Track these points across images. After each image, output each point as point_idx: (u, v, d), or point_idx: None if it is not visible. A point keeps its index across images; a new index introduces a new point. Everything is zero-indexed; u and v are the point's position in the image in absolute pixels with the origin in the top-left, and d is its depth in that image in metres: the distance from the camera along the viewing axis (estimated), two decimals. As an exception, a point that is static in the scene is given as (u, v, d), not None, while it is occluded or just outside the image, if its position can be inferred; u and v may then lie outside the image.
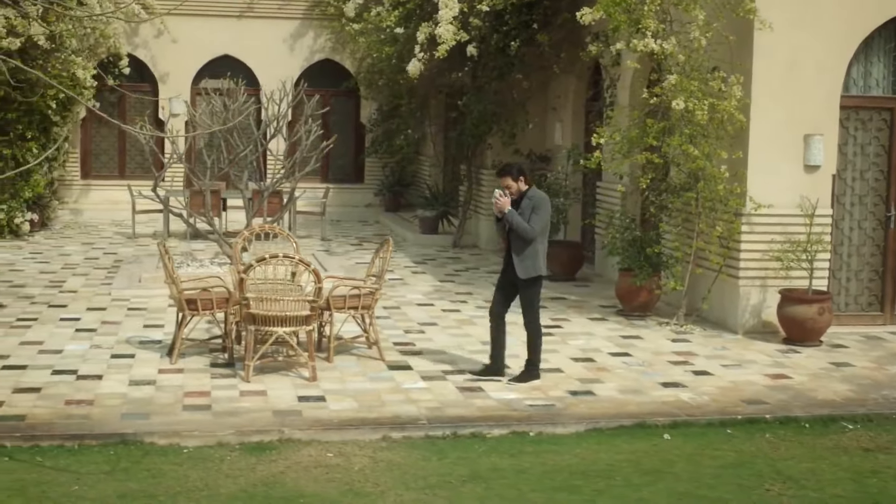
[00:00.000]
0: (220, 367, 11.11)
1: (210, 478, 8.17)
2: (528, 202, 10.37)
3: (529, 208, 10.32)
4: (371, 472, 8.35)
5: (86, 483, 7.99)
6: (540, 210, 10.34)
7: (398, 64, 19.86)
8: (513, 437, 9.29)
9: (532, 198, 10.40)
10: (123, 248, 19.45)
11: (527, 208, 10.33)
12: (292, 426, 9.17)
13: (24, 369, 10.79)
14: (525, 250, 10.34)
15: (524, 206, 10.35)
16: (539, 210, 10.33)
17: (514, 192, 10.41)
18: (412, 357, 11.69)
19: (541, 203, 10.39)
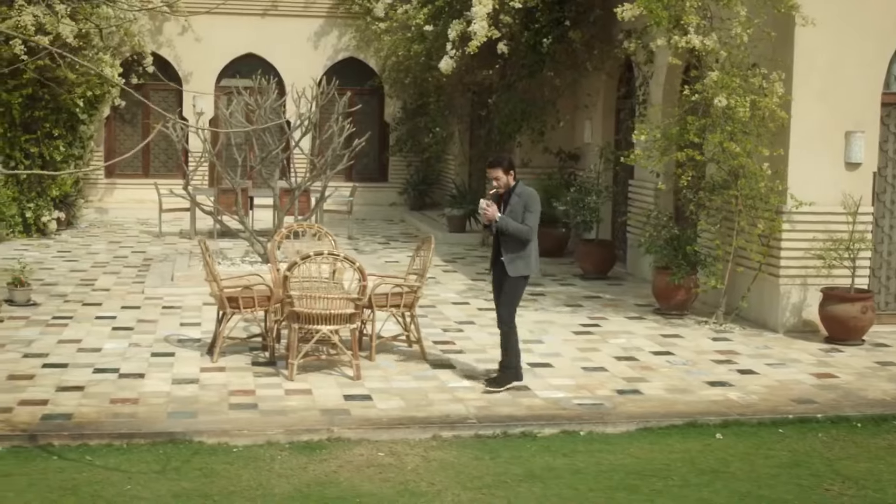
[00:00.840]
0: (262, 365, 11.01)
1: (262, 477, 8.07)
2: (517, 199, 9.95)
3: (520, 206, 9.92)
4: (425, 472, 8.25)
5: (138, 482, 7.90)
6: (533, 208, 9.97)
7: (427, 62, 19.74)
8: (564, 436, 9.18)
9: (521, 194, 9.97)
10: (151, 247, 19.38)
11: (517, 206, 9.93)
12: (341, 425, 9.07)
13: (66, 368, 10.71)
14: (518, 250, 10.01)
15: (513, 203, 9.96)
16: (532, 208, 9.96)
17: (502, 185, 10.00)
18: (453, 355, 11.59)
19: (531, 200, 9.98)
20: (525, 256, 10.00)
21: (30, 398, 9.60)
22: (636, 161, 13.49)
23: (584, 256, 16.97)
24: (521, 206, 9.89)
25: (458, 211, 20.97)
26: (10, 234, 19.04)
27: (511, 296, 10.11)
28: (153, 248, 19.15)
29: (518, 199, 9.93)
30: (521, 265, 9.98)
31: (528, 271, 10.05)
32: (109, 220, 23.41)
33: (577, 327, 13.14)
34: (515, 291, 10.10)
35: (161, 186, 20.89)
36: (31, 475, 8.01)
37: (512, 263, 9.96)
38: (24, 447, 8.56)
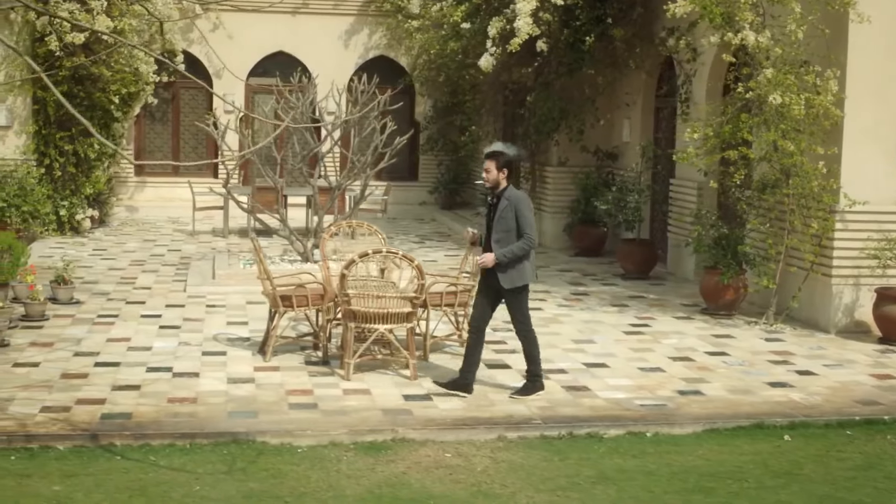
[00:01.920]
0: (315, 364, 10.89)
1: (331, 479, 7.94)
2: (506, 203, 9.52)
3: (511, 211, 9.48)
4: (495, 473, 8.12)
5: (206, 483, 7.78)
6: (526, 213, 9.52)
7: (463, 59, 19.60)
8: (630, 437, 9.05)
9: (510, 198, 9.52)
10: (186, 245, 19.27)
11: (506, 210, 9.50)
12: (405, 425, 8.95)
13: (118, 367, 10.60)
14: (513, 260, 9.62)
15: (502, 207, 9.53)
16: (524, 214, 9.51)
17: (490, 179, 9.57)
18: (506, 355, 11.45)
19: (522, 205, 9.52)
20: (519, 266, 9.62)
21: (86, 397, 9.49)
22: (688, 160, 13.29)
23: (625, 256, 16.83)
24: (511, 212, 9.49)
25: (492, 210, 20.79)
26: (44, 231, 18.95)
27: (517, 308, 9.80)
28: (188, 247, 19.04)
29: (507, 204, 9.52)
30: (516, 275, 9.62)
31: (524, 280, 9.68)
32: (140, 218, 23.32)
33: (626, 327, 12.99)
34: (519, 303, 9.79)
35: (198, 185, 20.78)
36: (97, 475, 7.90)
37: (506, 274, 9.59)
38: (85, 447, 8.44)
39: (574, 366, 11.04)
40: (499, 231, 9.58)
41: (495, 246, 9.54)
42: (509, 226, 9.51)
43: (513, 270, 9.56)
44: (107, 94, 19.58)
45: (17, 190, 18.53)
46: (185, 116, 24.94)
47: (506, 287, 9.59)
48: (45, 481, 7.77)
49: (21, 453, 8.30)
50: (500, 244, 9.53)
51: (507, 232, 9.53)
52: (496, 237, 9.58)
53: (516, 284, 9.61)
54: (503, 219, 9.51)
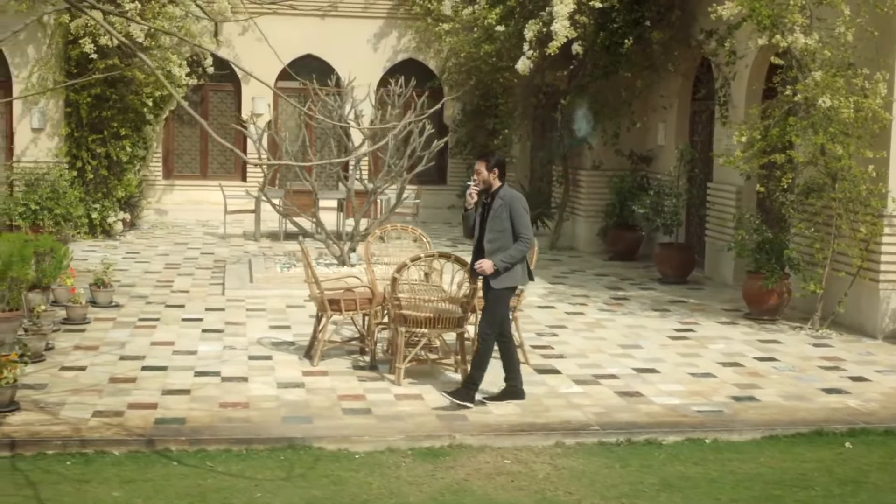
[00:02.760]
0: (363, 369, 10.79)
1: (393, 485, 7.84)
2: (500, 203, 9.31)
3: (505, 210, 9.27)
4: (558, 480, 8.01)
5: (267, 489, 7.68)
6: (521, 213, 9.29)
7: (497, 62, 19.50)
8: (689, 443, 8.93)
9: (504, 197, 9.33)
10: (219, 249, 19.19)
11: (501, 210, 9.29)
12: (462, 431, 8.84)
13: (166, 371, 10.52)
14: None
15: (496, 207, 9.31)
16: (520, 213, 9.29)
17: (481, 181, 9.38)
18: (555, 360, 11.34)
19: (517, 204, 9.31)
20: (512, 268, 9.38)
21: (138, 402, 9.41)
22: (735, 163, 13.16)
23: (663, 260, 16.70)
24: (505, 211, 9.27)
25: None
26: (76, 234, 18.90)
27: (493, 307, 9.42)
28: (221, 250, 18.96)
29: (502, 203, 9.31)
30: (507, 277, 9.35)
31: (514, 282, 9.45)
32: (169, 221, 23.26)
33: (671, 332, 12.87)
34: (498, 303, 9.43)
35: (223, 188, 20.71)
36: (155, 481, 7.81)
37: (496, 274, 9.33)
38: (141, 452, 8.36)
39: (624, 371, 10.92)
40: (493, 231, 9.33)
41: (488, 247, 9.30)
42: (503, 225, 9.28)
43: (505, 272, 9.33)
44: (139, 97, 19.53)
45: (49, 192, 18.51)
46: (214, 119, 24.86)
47: (494, 286, 9.34)
48: (103, 487, 7.68)
49: (77, 458, 8.21)
50: (494, 244, 9.28)
51: (501, 232, 9.30)
52: (490, 237, 9.34)
53: (504, 285, 9.38)
54: (497, 218, 9.29)
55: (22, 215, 18.25)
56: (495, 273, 9.27)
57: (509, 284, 9.40)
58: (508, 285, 9.40)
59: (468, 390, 9.39)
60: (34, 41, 19.18)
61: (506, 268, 9.26)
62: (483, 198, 9.49)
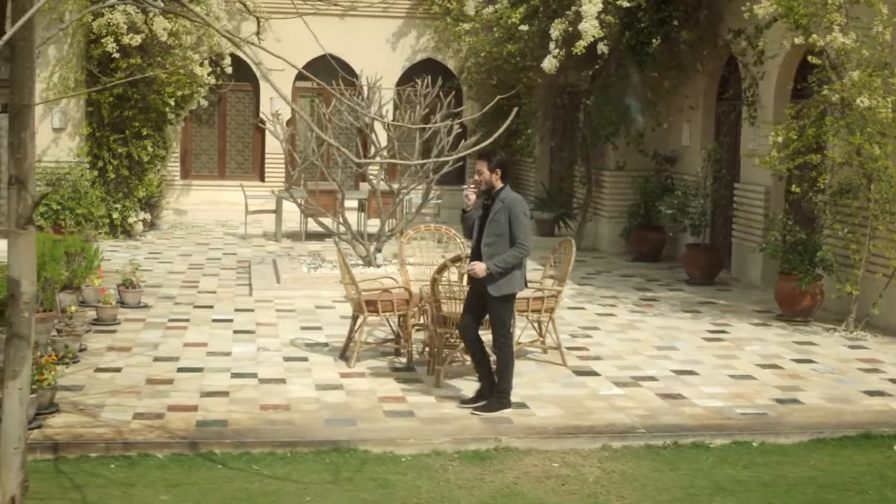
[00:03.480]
0: (400, 370, 10.70)
1: (442, 489, 7.75)
2: (500, 206, 8.95)
3: (504, 214, 8.92)
4: (609, 484, 7.92)
5: (315, 493, 7.59)
6: (521, 218, 8.96)
7: (521, 62, 19.38)
8: (736, 446, 8.83)
9: (505, 200, 8.96)
10: (241, 249, 19.11)
11: (500, 213, 8.93)
12: (508, 434, 8.74)
13: (201, 372, 10.43)
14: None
15: (496, 209, 8.96)
16: (519, 218, 8.94)
17: (482, 181, 9.00)
18: (591, 362, 11.25)
19: (517, 209, 8.97)
20: (509, 274, 9.05)
21: (177, 404, 9.32)
22: (771, 164, 13.05)
23: (690, 261, 16.59)
24: (504, 215, 8.92)
25: (547, 214, 20.60)
26: (97, 234, 18.81)
27: (500, 318, 9.15)
28: (243, 250, 18.88)
29: (502, 206, 8.95)
30: (504, 284, 9.04)
31: (512, 289, 9.14)
32: (188, 221, 23.18)
33: (704, 334, 12.77)
34: (503, 312, 9.16)
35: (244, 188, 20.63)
36: (201, 485, 7.72)
37: (494, 280, 8.99)
38: (185, 455, 8.27)
39: (663, 373, 10.82)
40: (490, 234, 9.00)
41: (485, 250, 8.98)
42: (501, 230, 8.95)
43: (501, 279, 9.00)
44: (161, 97, 19.45)
45: (71, 192, 18.45)
46: (232, 119, 24.80)
47: (493, 294, 9.02)
48: (150, 491, 7.59)
49: (120, 461, 8.13)
50: (491, 249, 8.96)
51: (499, 236, 8.97)
52: (487, 241, 9.01)
53: (504, 293, 9.06)
54: (496, 222, 8.94)
55: (44, 215, 18.16)
56: (490, 279, 8.94)
57: (508, 292, 9.12)
58: (508, 292, 9.12)
59: (500, 399, 9.22)
60: (56, 40, 19.09)
61: (499, 273, 8.93)
62: (484, 199, 9.16)
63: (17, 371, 6.54)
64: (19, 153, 6.46)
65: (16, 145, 6.47)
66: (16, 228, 6.54)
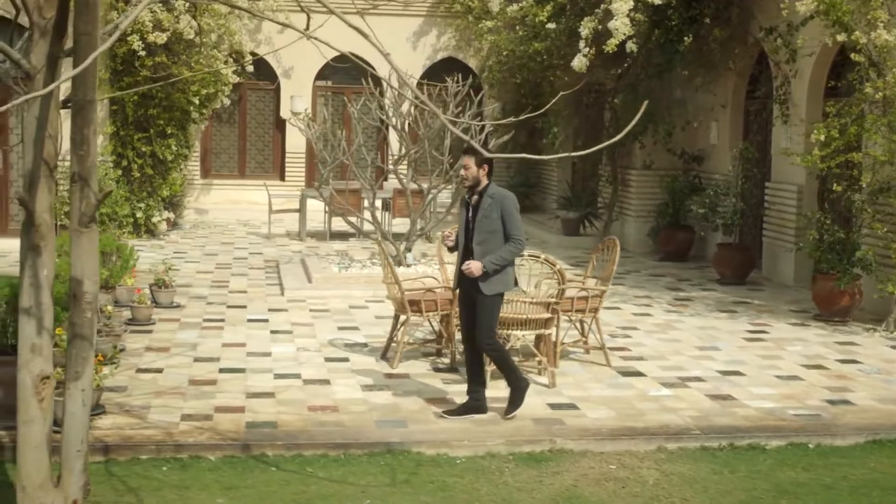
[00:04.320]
0: (443, 371, 10.58)
1: (501, 492, 7.63)
2: (489, 202, 8.62)
3: (495, 210, 8.59)
4: (669, 487, 7.80)
5: (375, 496, 7.48)
6: (514, 214, 8.63)
7: (547, 60, 19.26)
8: (792, 448, 8.70)
9: (494, 196, 8.62)
10: (266, 248, 19.01)
11: (490, 210, 8.60)
12: (562, 436, 8.62)
13: (244, 373, 10.32)
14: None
15: (485, 206, 8.61)
16: (512, 214, 8.62)
17: (469, 177, 8.65)
18: (635, 362, 11.13)
19: (509, 204, 8.64)
20: (503, 271, 8.73)
21: (224, 405, 9.20)
22: (812, 162, 12.93)
23: (721, 261, 16.45)
24: (496, 212, 8.59)
25: (573, 213, 20.47)
26: (122, 234, 18.70)
27: (487, 316, 8.75)
28: (268, 250, 18.79)
29: (491, 202, 8.62)
30: (498, 282, 8.70)
31: (505, 287, 8.79)
32: (209, 220, 23.08)
33: (744, 334, 12.66)
34: (492, 311, 8.76)
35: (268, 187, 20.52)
36: (257, 487, 7.60)
37: (487, 280, 8.66)
38: (236, 457, 8.15)
39: (708, 374, 10.70)
40: (482, 233, 8.66)
41: (478, 250, 8.64)
42: (493, 227, 8.62)
43: (495, 276, 8.68)
44: (186, 95, 19.33)
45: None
46: (252, 118, 24.70)
47: (486, 293, 8.67)
48: (206, 494, 7.48)
49: (171, 464, 8.02)
50: (483, 247, 8.64)
51: (492, 233, 8.65)
52: (479, 239, 8.67)
53: (497, 290, 8.74)
54: (487, 219, 8.61)
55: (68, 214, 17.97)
56: (485, 276, 8.62)
57: (502, 290, 8.79)
58: (501, 290, 8.79)
59: (517, 388, 8.99)
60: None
61: (495, 270, 8.62)
62: (468, 197, 8.84)
63: (80, 372, 6.43)
64: (82, 150, 6.38)
65: (79, 142, 6.38)
66: (79, 227, 6.45)
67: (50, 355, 6.44)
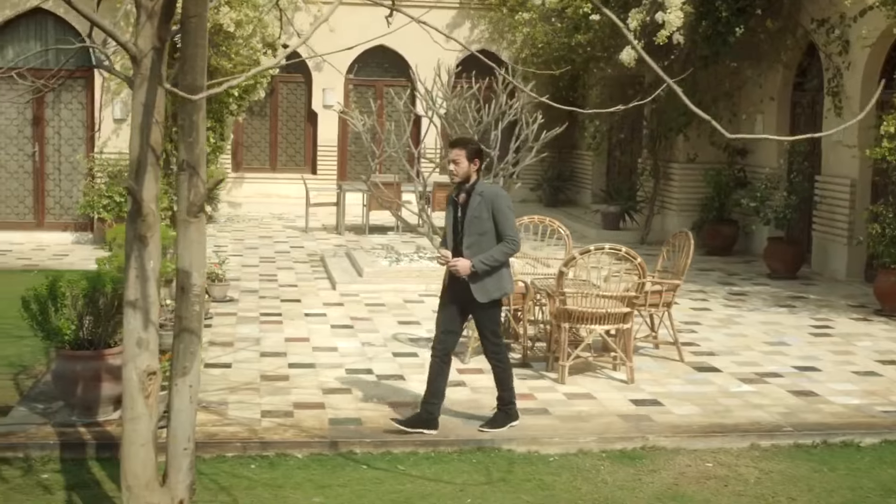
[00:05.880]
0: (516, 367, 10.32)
1: (602, 491, 7.44)
2: (478, 200, 7.96)
3: (485, 209, 7.93)
4: (772, 485, 7.60)
5: (475, 496, 7.29)
6: (506, 212, 7.96)
7: (590, 52, 19.05)
8: (888, 446, 8.51)
9: (483, 194, 7.96)
10: (307, 242, 18.84)
11: (479, 209, 7.94)
12: (654, 433, 8.43)
13: (314, 368, 10.14)
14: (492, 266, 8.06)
15: (474, 205, 7.95)
16: (504, 212, 7.95)
17: (459, 173, 7.97)
18: (707, 357, 10.94)
19: (501, 202, 7.98)
20: (497, 274, 8.05)
21: (302, 401, 9.02)
22: (882, 154, 12.73)
23: (772, 255, 16.25)
24: (486, 210, 7.93)
25: (613, 207, 20.27)
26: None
27: (490, 324, 8.19)
28: (309, 244, 18.63)
29: (480, 201, 7.94)
30: (493, 286, 8.02)
31: (500, 292, 8.10)
32: (243, 214, 22.88)
33: (809, 329, 12.47)
34: (492, 317, 8.18)
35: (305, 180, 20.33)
36: (351, 486, 7.42)
37: (481, 284, 7.97)
38: (324, 455, 7.97)
39: (784, 370, 10.51)
40: (472, 234, 7.99)
41: (467, 254, 7.95)
42: (484, 227, 7.95)
43: (489, 280, 7.98)
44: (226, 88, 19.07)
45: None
46: (284, 111, 24.51)
47: (480, 300, 7.98)
48: (300, 492, 7.29)
49: (259, 461, 7.84)
50: (473, 250, 7.96)
51: (483, 234, 7.98)
52: (468, 241, 8.00)
53: (493, 297, 8.04)
54: (477, 219, 7.93)
55: (106, 207, 17.87)
56: (475, 278, 7.95)
57: (497, 295, 8.10)
58: (497, 296, 8.10)
59: (507, 412, 8.33)
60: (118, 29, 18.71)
61: (486, 271, 7.94)
62: (455, 195, 8.19)
63: (188, 367, 6.24)
64: (191, 137, 6.19)
65: (187, 129, 6.20)
66: (187, 216, 6.26)
67: (156, 350, 6.25)
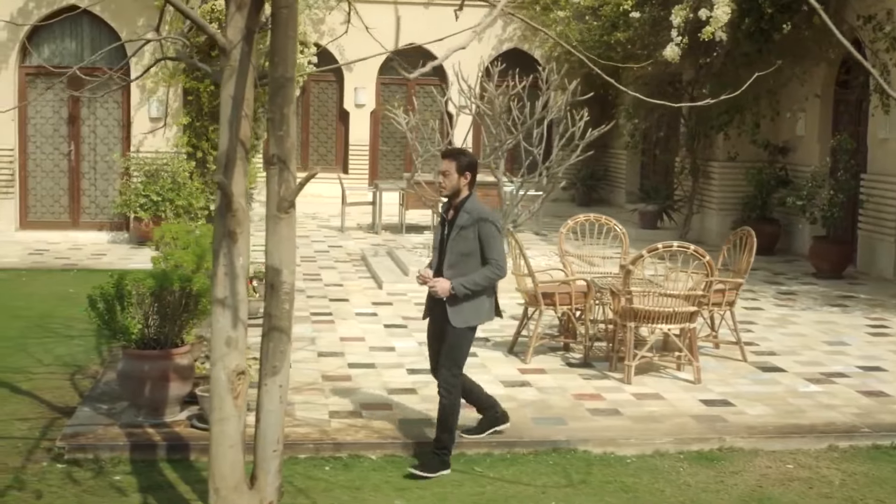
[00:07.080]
0: (577, 366, 10.25)
1: (686, 493, 7.31)
2: (466, 218, 7.29)
3: (472, 229, 7.26)
4: (858, 487, 7.47)
5: (558, 498, 7.16)
6: (492, 235, 7.28)
7: (630, 49, 18.90)
8: (970, 447, 8.34)
9: (471, 212, 7.28)
10: (344, 241, 18.72)
11: (466, 226, 7.27)
12: (730, 434, 8.29)
13: (375, 368, 10.02)
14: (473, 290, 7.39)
15: (460, 223, 7.30)
16: (491, 236, 7.27)
17: (448, 186, 7.34)
18: (768, 357, 10.80)
19: (488, 229, 7.27)
20: (477, 301, 7.38)
21: (369, 402, 8.90)
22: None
23: (818, 254, 16.08)
24: (472, 231, 7.27)
25: (651, 207, 20.12)
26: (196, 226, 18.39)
27: (456, 351, 7.38)
28: (347, 243, 18.52)
29: (468, 219, 7.27)
30: (470, 312, 7.35)
31: (479, 320, 7.41)
32: (276, 214, 22.72)
33: (865, 328, 12.33)
34: (461, 345, 7.38)
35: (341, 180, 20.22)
36: (431, 488, 7.29)
37: (458, 308, 7.31)
38: (397, 456, 7.85)
39: (849, 370, 10.37)
40: (454, 254, 7.34)
41: (448, 274, 7.33)
42: (468, 247, 7.30)
43: (468, 304, 7.32)
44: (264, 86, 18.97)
45: (170, 184, 18.06)
46: (315, 110, 24.40)
47: (455, 325, 7.31)
48: (380, 495, 7.17)
49: (333, 463, 7.72)
50: (454, 271, 7.32)
51: (465, 255, 7.32)
52: (450, 261, 7.36)
53: (469, 324, 7.38)
54: (461, 238, 7.27)
55: (143, 206, 17.78)
56: (454, 300, 7.32)
57: (474, 322, 7.39)
58: (474, 324, 7.40)
59: (441, 457, 7.46)
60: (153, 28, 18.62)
61: (466, 295, 7.27)
62: (443, 211, 7.60)
63: (278, 367, 6.15)
64: (281, 130, 6.07)
65: (277, 122, 6.07)
66: (277, 212, 6.15)
67: (244, 349, 6.15)
